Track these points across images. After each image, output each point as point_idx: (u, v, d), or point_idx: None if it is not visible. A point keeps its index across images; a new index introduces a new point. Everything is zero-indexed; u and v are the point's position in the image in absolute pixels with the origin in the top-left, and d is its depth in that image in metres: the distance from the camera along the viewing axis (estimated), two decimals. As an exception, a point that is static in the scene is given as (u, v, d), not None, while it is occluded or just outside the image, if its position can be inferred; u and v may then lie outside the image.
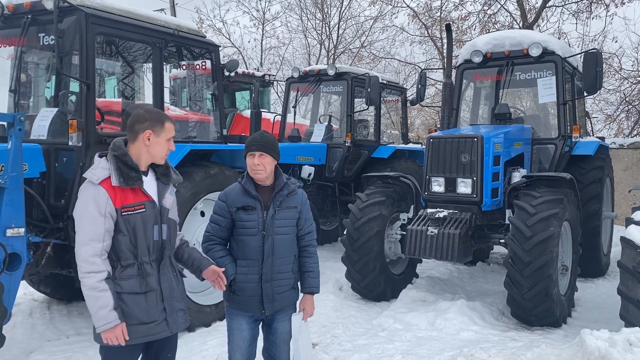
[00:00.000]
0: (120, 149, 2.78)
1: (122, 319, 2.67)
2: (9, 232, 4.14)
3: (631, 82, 15.51)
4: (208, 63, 6.09)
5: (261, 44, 22.54)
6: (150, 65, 5.47)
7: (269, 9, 25.46)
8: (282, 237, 3.24)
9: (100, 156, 2.81)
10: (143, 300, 2.77)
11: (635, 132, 16.01)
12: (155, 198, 2.85)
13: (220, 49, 6.27)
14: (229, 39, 22.04)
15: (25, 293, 6.31)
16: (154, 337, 2.86)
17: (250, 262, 3.22)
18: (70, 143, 4.58)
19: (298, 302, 3.42)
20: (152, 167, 2.92)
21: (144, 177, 2.84)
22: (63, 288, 6.05)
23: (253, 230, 3.20)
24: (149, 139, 2.81)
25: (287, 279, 3.29)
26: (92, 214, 2.63)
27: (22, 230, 4.21)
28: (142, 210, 2.77)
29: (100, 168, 2.73)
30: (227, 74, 6.38)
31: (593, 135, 12.58)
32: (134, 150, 2.81)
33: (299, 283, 3.43)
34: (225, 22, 22.37)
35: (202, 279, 3.07)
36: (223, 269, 3.08)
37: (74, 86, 5.08)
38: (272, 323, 3.35)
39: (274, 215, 3.20)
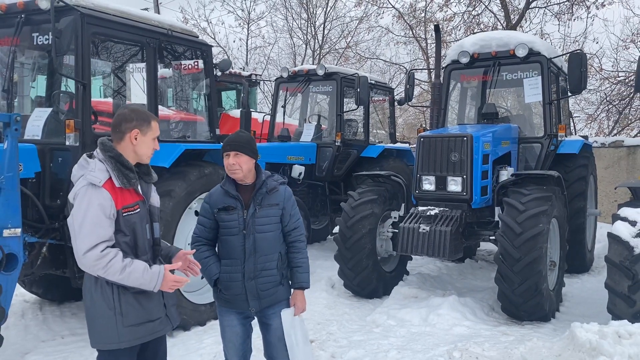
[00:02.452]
0: (113, 149, 2.77)
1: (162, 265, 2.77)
2: (6, 233, 4.12)
3: (611, 82, 15.82)
4: (201, 63, 6.11)
5: (246, 43, 22.50)
6: (144, 65, 5.47)
7: (254, 9, 25.40)
8: (264, 235, 3.24)
9: (90, 157, 2.77)
10: (148, 298, 2.80)
11: (615, 132, 16.35)
12: (144, 197, 2.87)
13: (209, 48, 6.29)
14: (214, 39, 21.95)
15: (17, 294, 6.21)
16: (159, 333, 2.90)
17: (233, 261, 3.26)
18: (67, 143, 4.57)
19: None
20: None
21: None
22: (55, 289, 6.02)
23: (234, 230, 3.24)
24: (136, 139, 2.79)
25: (271, 276, 3.28)
26: (98, 217, 2.60)
27: (19, 230, 4.20)
28: (138, 209, 2.79)
29: (99, 170, 2.69)
30: (219, 73, 6.40)
31: (576, 134, 12.82)
32: (121, 150, 2.79)
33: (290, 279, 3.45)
34: (210, 22, 22.41)
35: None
36: (194, 251, 3.15)
37: (68, 86, 5.07)
38: (264, 320, 3.37)
39: (254, 213, 3.23)
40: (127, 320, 2.73)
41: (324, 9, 21.66)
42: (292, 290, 3.43)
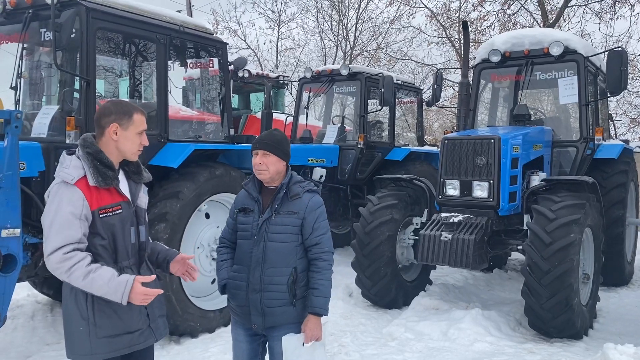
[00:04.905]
0: (93, 145, 2.57)
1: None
2: (4, 233, 4.00)
3: (657, 85, 15.07)
4: (215, 61, 5.93)
5: (277, 45, 22.45)
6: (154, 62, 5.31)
7: (285, 11, 25.30)
8: (277, 244, 2.94)
9: (69, 154, 2.59)
10: (127, 308, 2.56)
11: (660, 136, 15.55)
12: (129, 198, 2.66)
13: (235, 50, 6.12)
14: (245, 41, 21.96)
15: (29, 295, 6.21)
16: (139, 346, 2.66)
17: (241, 268, 3.02)
18: (67, 141, 4.44)
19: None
20: (121, 166, 2.71)
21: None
22: (66, 290, 5.91)
23: (247, 234, 3.01)
24: (116, 133, 2.59)
25: (279, 292, 2.91)
26: (67, 217, 2.41)
27: (18, 230, 4.07)
28: (120, 211, 2.58)
29: (73, 167, 2.50)
30: (240, 74, 6.20)
31: (616, 138, 12.18)
32: (103, 147, 2.59)
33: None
34: (241, 24, 22.27)
35: (170, 274, 2.85)
36: (193, 256, 2.97)
37: (77, 83, 4.95)
38: (269, 341, 3.05)
39: (269, 219, 2.95)
40: (101, 331, 2.53)
41: (356, 11, 21.40)
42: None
